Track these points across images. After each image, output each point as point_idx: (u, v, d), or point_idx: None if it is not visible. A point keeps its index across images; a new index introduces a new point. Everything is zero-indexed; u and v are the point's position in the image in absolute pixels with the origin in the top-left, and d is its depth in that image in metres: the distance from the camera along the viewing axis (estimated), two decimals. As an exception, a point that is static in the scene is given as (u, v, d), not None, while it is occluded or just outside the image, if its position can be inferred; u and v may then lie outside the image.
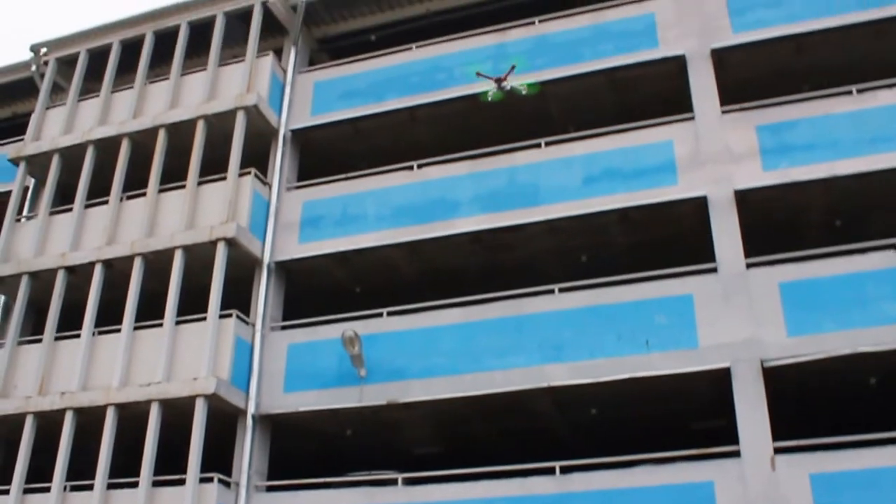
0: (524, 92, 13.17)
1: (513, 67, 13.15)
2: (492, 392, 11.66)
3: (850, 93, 12.11)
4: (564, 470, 10.96)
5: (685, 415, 12.28)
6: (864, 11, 12.56)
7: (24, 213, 15.79)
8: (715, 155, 12.26)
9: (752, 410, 10.57)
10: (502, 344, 11.94)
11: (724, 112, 12.54)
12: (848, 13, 12.62)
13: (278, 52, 15.61)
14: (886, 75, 12.22)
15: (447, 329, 12.33)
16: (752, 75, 13.18)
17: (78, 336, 13.48)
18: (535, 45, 14.00)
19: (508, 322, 12.07)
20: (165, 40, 15.91)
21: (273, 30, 15.74)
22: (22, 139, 16.31)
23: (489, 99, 13.32)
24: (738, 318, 11.10)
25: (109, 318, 13.51)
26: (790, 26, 12.81)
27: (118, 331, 13.25)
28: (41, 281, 14.32)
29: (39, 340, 13.77)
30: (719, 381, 10.93)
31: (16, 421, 13.13)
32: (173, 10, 15.97)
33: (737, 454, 10.41)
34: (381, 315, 12.77)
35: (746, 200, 11.87)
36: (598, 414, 12.23)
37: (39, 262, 14.36)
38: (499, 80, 13.14)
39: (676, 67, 13.18)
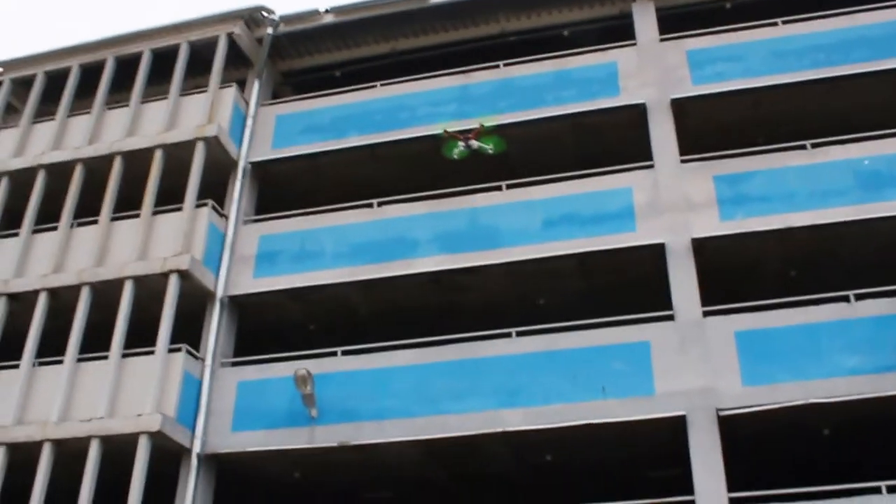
0: (491, 151, 13.16)
1: (481, 126, 13.12)
2: (446, 436, 11.45)
3: (804, 147, 12.39)
4: (519, 518, 10.77)
5: (642, 462, 12.18)
6: (818, 69, 12.97)
7: (-33, 236, 15.29)
8: (673, 203, 12.40)
9: (707, 459, 10.55)
10: (458, 387, 11.78)
11: (682, 161, 12.72)
12: (802, 70, 13.03)
13: (241, 84, 15.50)
14: (838, 130, 12.53)
15: (402, 370, 12.14)
16: (710, 126, 13.41)
17: (16, 367, 12.95)
18: (499, 88, 14.14)
19: (464, 365, 11.93)
20: (127, 67, 15.63)
21: (237, 61, 15.63)
22: (-32, 160, 15.83)
23: (454, 156, 13.25)
24: (695, 366, 11.14)
25: (52, 348, 13.03)
26: (748, 80, 13.14)
27: (60, 362, 12.78)
28: (-20, 308, 13.81)
29: (-26, 370, 13.23)
30: (675, 429, 10.89)
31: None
32: (137, 37, 15.76)
33: (692, 504, 10.29)
34: (335, 354, 12.53)
35: (703, 249, 11.99)
36: (553, 460, 12.05)
37: (-21, 288, 13.85)
38: (466, 140, 13.07)
39: (637, 115, 13.36)
